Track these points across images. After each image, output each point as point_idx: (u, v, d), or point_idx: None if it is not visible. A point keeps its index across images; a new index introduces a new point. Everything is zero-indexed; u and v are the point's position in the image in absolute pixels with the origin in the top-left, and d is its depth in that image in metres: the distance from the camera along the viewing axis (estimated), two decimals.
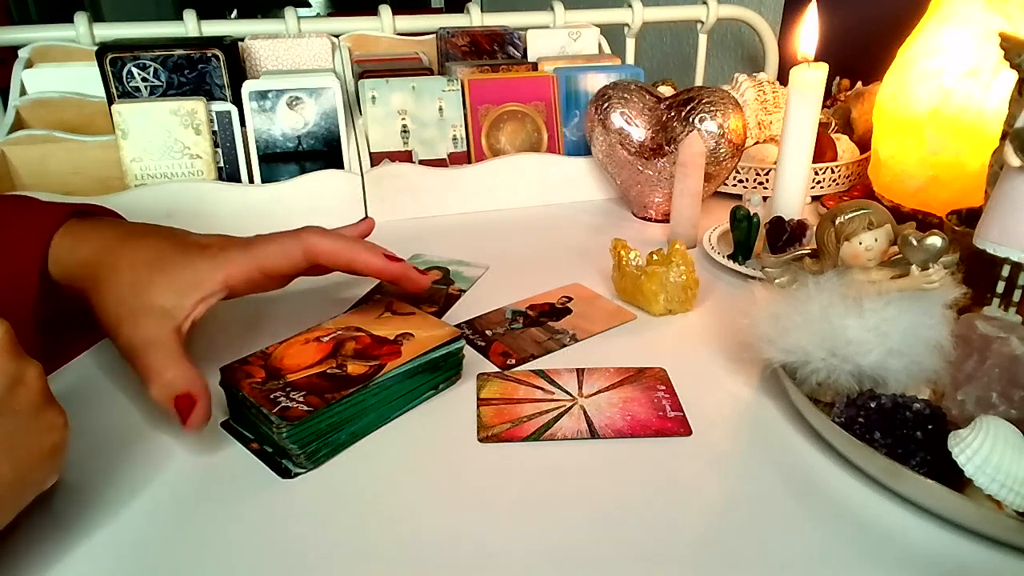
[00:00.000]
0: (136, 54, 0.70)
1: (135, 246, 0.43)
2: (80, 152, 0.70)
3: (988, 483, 0.32)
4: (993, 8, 0.59)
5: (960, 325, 0.40)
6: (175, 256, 0.43)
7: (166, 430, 0.41)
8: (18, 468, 0.30)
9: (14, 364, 0.30)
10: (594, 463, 0.39)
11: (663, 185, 0.71)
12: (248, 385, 0.39)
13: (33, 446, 0.31)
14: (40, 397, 0.31)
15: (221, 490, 0.37)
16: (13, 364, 0.30)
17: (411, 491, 0.37)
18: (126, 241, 0.44)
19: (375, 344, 0.43)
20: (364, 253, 0.47)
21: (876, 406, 0.37)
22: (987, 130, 0.59)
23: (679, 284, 0.53)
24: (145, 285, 0.41)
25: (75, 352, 0.50)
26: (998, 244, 0.43)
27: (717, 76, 1.28)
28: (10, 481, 0.30)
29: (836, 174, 0.77)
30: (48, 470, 0.32)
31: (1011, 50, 0.47)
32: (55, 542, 0.34)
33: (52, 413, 0.32)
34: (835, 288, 0.40)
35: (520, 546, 0.33)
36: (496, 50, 0.87)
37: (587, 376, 0.46)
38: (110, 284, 0.41)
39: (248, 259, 0.44)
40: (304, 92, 0.71)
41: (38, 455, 0.31)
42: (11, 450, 0.30)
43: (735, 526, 0.34)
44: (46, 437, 0.32)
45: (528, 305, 0.56)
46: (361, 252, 0.47)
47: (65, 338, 0.50)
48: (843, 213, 0.39)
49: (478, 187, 0.75)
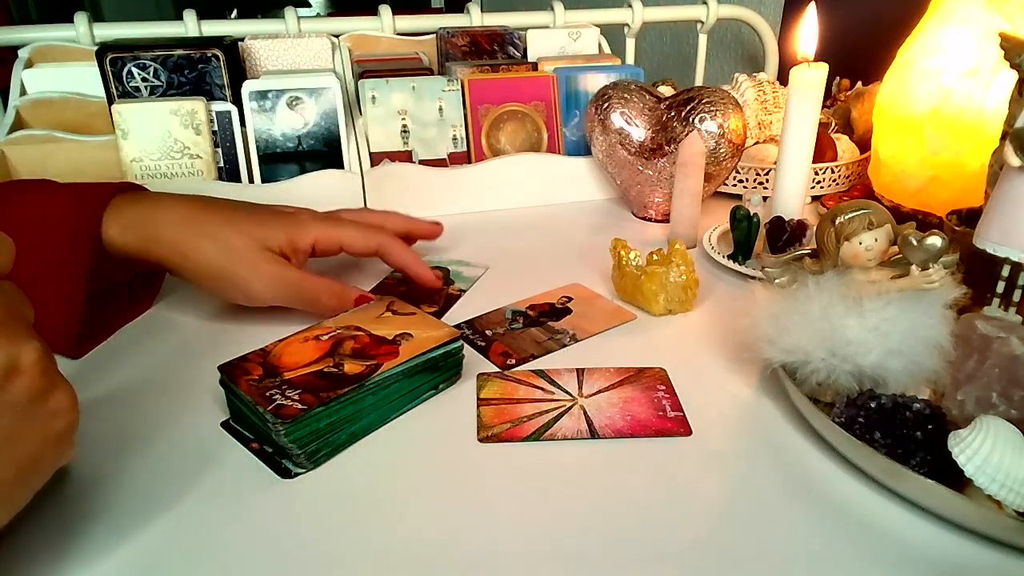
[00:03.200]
0: (136, 54, 0.70)
1: (211, 210, 0.49)
2: (80, 152, 0.70)
3: (988, 483, 0.32)
4: (993, 8, 0.59)
5: (960, 325, 0.40)
6: (261, 213, 0.51)
7: (166, 430, 0.41)
8: (20, 461, 0.28)
9: (5, 351, 0.27)
10: (594, 463, 0.39)
11: (663, 185, 0.71)
12: (245, 382, 0.39)
13: (37, 435, 0.29)
14: (41, 381, 0.29)
15: (221, 490, 0.37)
16: (3, 352, 0.27)
17: (411, 491, 0.37)
18: (203, 208, 0.49)
19: (374, 344, 0.43)
20: (426, 273, 0.56)
21: (876, 406, 0.37)
22: (987, 130, 0.59)
23: (679, 284, 0.53)
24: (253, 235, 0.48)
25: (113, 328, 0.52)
26: (998, 244, 0.43)
27: (717, 76, 1.28)
28: (11, 474, 0.28)
29: (836, 174, 0.77)
30: (56, 455, 0.30)
31: (1011, 50, 0.47)
32: (55, 542, 0.33)
33: (57, 396, 0.30)
34: (835, 288, 0.40)
35: (520, 546, 0.33)
36: (496, 50, 0.87)
37: (587, 376, 0.46)
38: (210, 249, 0.47)
39: (331, 233, 0.52)
40: (304, 92, 0.71)
41: (42, 444, 0.29)
42: (11, 444, 0.28)
43: (735, 526, 0.34)
44: (51, 424, 0.29)
45: (528, 305, 0.56)
46: (424, 270, 0.56)
47: (105, 313, 0.52)
48: (843, 213, 0.39)
49: (478, 187, 0.75)
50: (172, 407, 0.43)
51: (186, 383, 0.46)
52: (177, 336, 0.52)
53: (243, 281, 0.48)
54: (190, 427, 0.42)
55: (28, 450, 0.29)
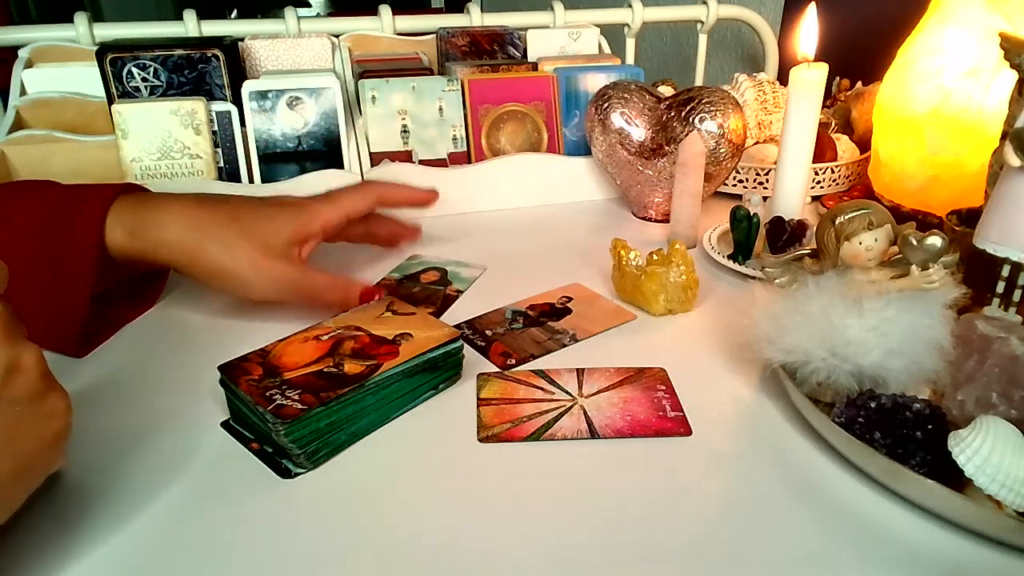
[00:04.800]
0: (136, 54, 0.70)
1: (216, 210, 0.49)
2: (80, 152, 0.70)
3: (988, 483, 0.32)
4: (993, 8, 0.59)
5: (960, 325, 0.40)
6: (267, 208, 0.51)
7: (166, 430, 0.41)
8: (18, 458, 0.29)
9: (7, 351, 0.29)
10: (594, 463, 0.39)
11: (663, 185, 0.71)
12: (245, 382, 0.39)
13: (34, 434, 0.30)
14: (39, 383, 0.30)
15: (221, 490, 0.37)
16: (7, 351, 0.29)
17: (411, 491, 0.37)
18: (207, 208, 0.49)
19: (373, 344, 0.43)
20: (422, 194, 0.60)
21: (876, 406, 0.37)
22: (987, 130, 0.59)
23: (679, 284, 0.53)
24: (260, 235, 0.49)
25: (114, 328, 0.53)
26: (998, 244, 0.43)
27: (717, 76, 1.28)
28: (11, 471, 0.29)
29: (836, 174, 0.77)
30: (51, 458, 0.31)
31: (1011, 50, 0.47)
32: (55, 542, 0.33)
33: (53, 399, 0.31)
34: (835, 288, 0.40)
35: (520, 546, 0.33)
36: (496, 50, 0.87)
37: (587, 376, 0.46)
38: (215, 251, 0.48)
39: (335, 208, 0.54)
40: (304, 92, 0.71)
41: (39, 444, 0.30)
42: (10, 440, 0.29)
43: (735, 526, 0.34)
44: (47, 425, 0.30)
45: (528, 305, 0.56)
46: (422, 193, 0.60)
47: (108, 312, 0.53)
48: (843, 213, 0.39)
49: (478, 187, 0.75)
50: (172, 407, 0.43)
51: (186, 383, 0.46)
52: (177, 336, 0.52)
53: (246, 282, 0.49)
54: (190, 427, 0.42)
55: (26, 449, 0.30)
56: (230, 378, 0.40)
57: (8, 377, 0.29)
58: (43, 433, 0.30)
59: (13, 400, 0.29)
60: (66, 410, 0.32)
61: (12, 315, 0.30)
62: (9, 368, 0.29)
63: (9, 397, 0.29)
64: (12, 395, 0.29)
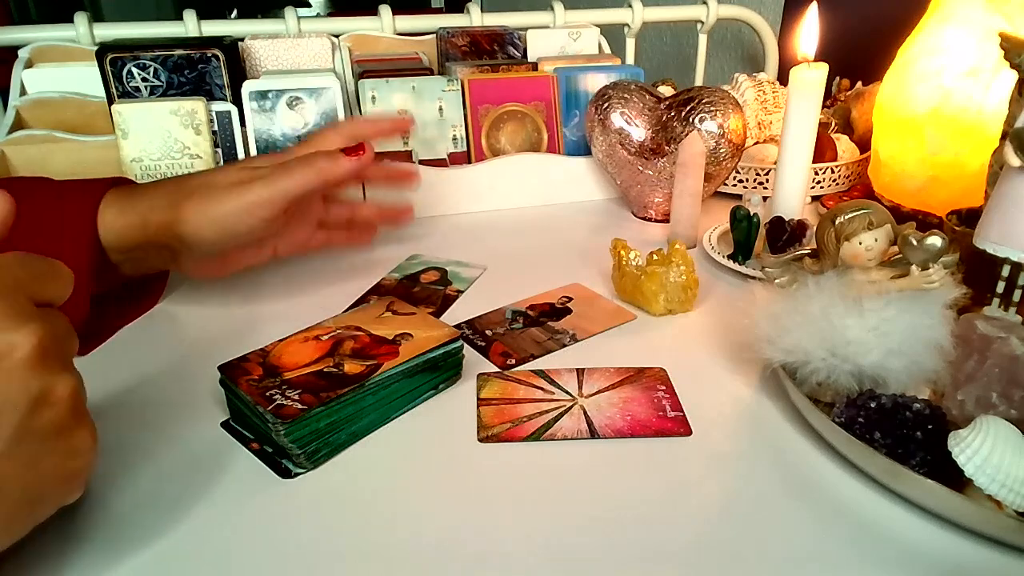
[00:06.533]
0: (136, 54, 0.70)
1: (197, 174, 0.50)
2: (80, 152, 0.70)
3: (988, 483, 0.32)
4: (993, 8, 0.59)
5: (960, 325, 0.40)
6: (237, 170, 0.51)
7: (166, 430, 0.41)
8: (30, 490, 0.28)
9: (39, 381, 0.27)
10: (594, 463, 0.39)
11: (663, 185, 0.71)
12: (245, 382, 0.39)
13: (51, 470, 0.28)
14: (67, 418, 0.28)
15: (221, 490, 0.37)
16: (38, 381, 0.27)
17: (411, 491, 0.37)
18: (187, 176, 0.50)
19: (373, 344, 0.43)
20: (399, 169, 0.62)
21: (876, 406, 0.37)
22: (987, 130, 0.59)
23: (679, 284, 0.53)
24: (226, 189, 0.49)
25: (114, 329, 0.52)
26: (998, 244, 0.43)
27: (717, 76, 1.28)
28: (19, 501, 0.28)
29: (836, 174, 0.77)
30: (65, 492, 0.30)
31: (1011, 50, 0.47)
32: (54, 540, 0.33)
33: (80, 436, 0.29)
34: (835, 288, 0.40)
35: (520, 546, 0.33)
36: (496, 50, 0.87)
37: (587, 376, 0.46)
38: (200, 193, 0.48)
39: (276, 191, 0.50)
40: (304, 92, 0.71)
41: (54, 479, 0.29)
42: (25, 470, 0.27)
43: (735, 526, 0.34)
44: (68, 462, 0.29)
45: (528, 305, 0.56)
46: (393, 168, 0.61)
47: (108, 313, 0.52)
48: (843, 213, 0.39)
49: (478, 187, 0.75)
50: (172, 407, 0.43)
51: (186, 383, 0.46)
52: (177, 336, 0.52)
53: (232, 212, 0.48)
54: (190, 427, 0.42)
55: (40, 481, 0.28)
56: (230, 378, 0.40)
57: (35, 408, 0.27)
58: (62, 469, 0.29)
59: (37, 432, 0.27)
60: (91, 448, 0.30)
61: (57, 339, 0.28)
62: (38, 400, 0.27)
63: (34, 428, 0.27)
64: (35, 426, 0.27)
